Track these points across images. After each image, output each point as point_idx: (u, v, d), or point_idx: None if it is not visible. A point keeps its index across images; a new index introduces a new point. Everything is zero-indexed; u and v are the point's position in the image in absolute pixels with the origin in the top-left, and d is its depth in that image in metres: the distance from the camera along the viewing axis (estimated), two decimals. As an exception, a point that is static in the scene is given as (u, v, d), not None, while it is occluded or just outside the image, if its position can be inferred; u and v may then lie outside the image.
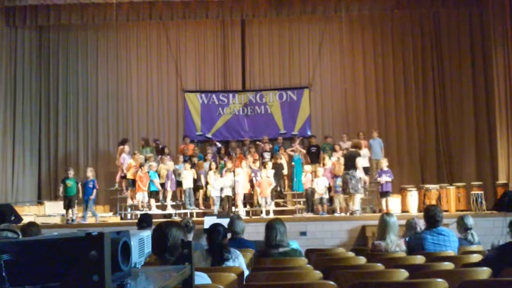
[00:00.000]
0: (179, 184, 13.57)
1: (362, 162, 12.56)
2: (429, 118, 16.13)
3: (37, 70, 16.40)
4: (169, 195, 13.45)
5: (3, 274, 1.37)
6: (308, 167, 13.69)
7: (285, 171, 14.25)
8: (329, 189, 12.91)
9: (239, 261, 4.33)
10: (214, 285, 3.06)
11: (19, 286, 1.39)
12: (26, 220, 10.92)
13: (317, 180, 12.79)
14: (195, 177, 13.45)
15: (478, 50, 15.31)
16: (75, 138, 16.52)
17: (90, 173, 13.03)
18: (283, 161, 14.21)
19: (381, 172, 12.77)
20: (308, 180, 13.15)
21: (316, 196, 12.77)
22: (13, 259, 1.41)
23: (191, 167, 13.59)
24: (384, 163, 12.87)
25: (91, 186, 12.61)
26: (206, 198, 13.65)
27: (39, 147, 16.28)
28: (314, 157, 14.59)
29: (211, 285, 3.06)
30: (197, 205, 13.52)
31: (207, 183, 13.44)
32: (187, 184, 13.26)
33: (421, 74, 16.33)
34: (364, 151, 13.57)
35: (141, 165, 13.22)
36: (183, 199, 13.52)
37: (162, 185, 13.46)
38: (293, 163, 14.33)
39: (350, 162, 12.14)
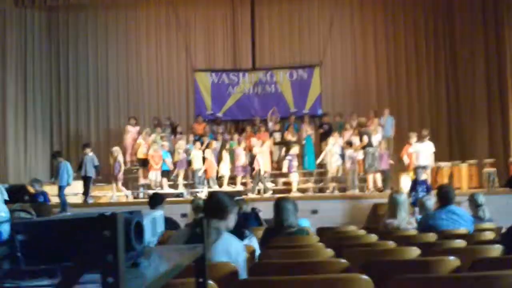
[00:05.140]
0: (190, 163, 13.59)
1: (374, 139, 12.66)
2: (441, 95, 16.00)
3: (47, 51, 16.40)
4: (181, 174, 13.50)
5: (18, 254, 1.39)
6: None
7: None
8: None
9: (252, 239, 4.34)
10: (226, 263, 3.08)
11: (34, 266, 1.40)
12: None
13: (330, 158, 12.82)
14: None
15: (490, 27, 15.04)
16: (86, 117, 16.61)
17: (37, 185, 11.18)
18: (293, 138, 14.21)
19: (416, 184, 11.04)
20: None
21: (329, 175, 12.84)
22: (28, 239, 1.42)
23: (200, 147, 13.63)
24: (420, 174, 11.18)
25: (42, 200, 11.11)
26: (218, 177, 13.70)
27: (51, 127, 16.38)
28: (325, 135, 14.53)
29: (224, 263, 3.08)
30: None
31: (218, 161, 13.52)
32: (197, 164, 13.27)
33: (433, 51, 16.15)
34: (380, 130, 13.65)
35: (152, 143, 13.26)
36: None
37: (175, 164, 13.50)
38: (303, 141, 14.31)
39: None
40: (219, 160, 13.65)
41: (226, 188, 13.21)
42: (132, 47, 16.91)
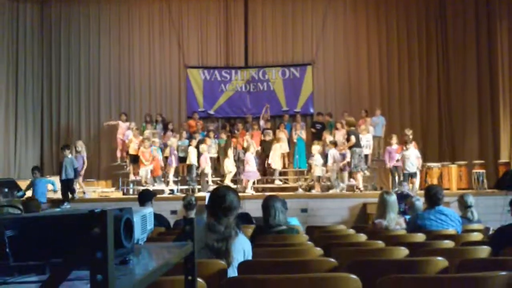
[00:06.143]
0: (181, 160, 13.56)
1: (365, 138, 12.75)
2: (432, 96, 16.08)
3: (39, 45, 16.31)
4: (172, 171, 13.47)
5: (7, 250, 1.38)
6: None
7: (283, 149, 14.25)
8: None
9: (237, 245, 4.34)
10: (216, 261, 3.09)
11: (22, 262, 1.40)
12: (29, 194, 11.00)
13: (313, 157, 12.83)
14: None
15: (483, 26, 15.08)
16: (77, 113, 16.53)
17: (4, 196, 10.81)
18: (283, 137, 14.21)
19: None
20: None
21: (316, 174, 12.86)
22: (17, 235, 1.41)
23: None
24: (404, 188, 10.95)
25: None
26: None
27: (41, 122, 16.29)
28: (318, 134, 14.52)
29: (214, 261, 3.09)
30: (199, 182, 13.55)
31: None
32: (192, 161, 13.23)
33: (425, 51, 16.22)
34: (371, 129, 13.71)
35: (143, 140, 13.22)
36: (185, 175, 13.58)
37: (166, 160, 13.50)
38: (295, 140, 14.34)
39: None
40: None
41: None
42: (125, 43, 16.84)
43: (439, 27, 16.13)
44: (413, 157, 11.87)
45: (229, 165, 13.17)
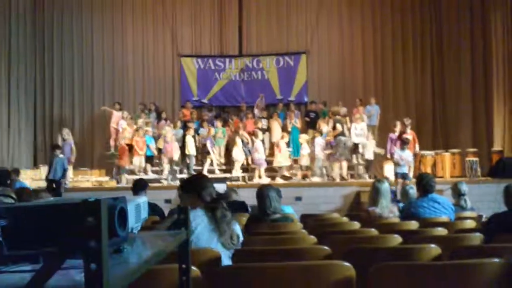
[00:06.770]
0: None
1: (359, 127, 12.82)
2: (426, 85, 16.10)
3: (32, 35, 16.17)
4: (166, 160, 13.44)
5: (0, 239, 1.38)
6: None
7: (276, 138, 14.25)
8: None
9: (235, 226, 4.35)
10: (209, 249, 3.09)
11: (16, 251, 1.39)
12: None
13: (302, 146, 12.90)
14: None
15: (477, 16, 15.13)
16: (71, 102, 16.46)
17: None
18: (277, 126, 14.20)
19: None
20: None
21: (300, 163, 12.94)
22: (10, 224, 1.41)
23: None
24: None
25: None
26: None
27: (34, 112, 16.20)
28: (312, 123, 14.53)
29: (208, 249, 3.09)
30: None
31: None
32: (191, 150, 13.19)
33: (419, 40, 16.23)
34: (365, 118, 13.73)
35: (137, 130, 13.18)
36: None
37: (160, 150, 13.46)
38: (289, 129, 14.33)
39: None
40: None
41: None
42: (118, 31, 16.75)
43: (433, 16, 16.12)
44: (408, 159, 11.45)
45: (238, 154, 13.12)
